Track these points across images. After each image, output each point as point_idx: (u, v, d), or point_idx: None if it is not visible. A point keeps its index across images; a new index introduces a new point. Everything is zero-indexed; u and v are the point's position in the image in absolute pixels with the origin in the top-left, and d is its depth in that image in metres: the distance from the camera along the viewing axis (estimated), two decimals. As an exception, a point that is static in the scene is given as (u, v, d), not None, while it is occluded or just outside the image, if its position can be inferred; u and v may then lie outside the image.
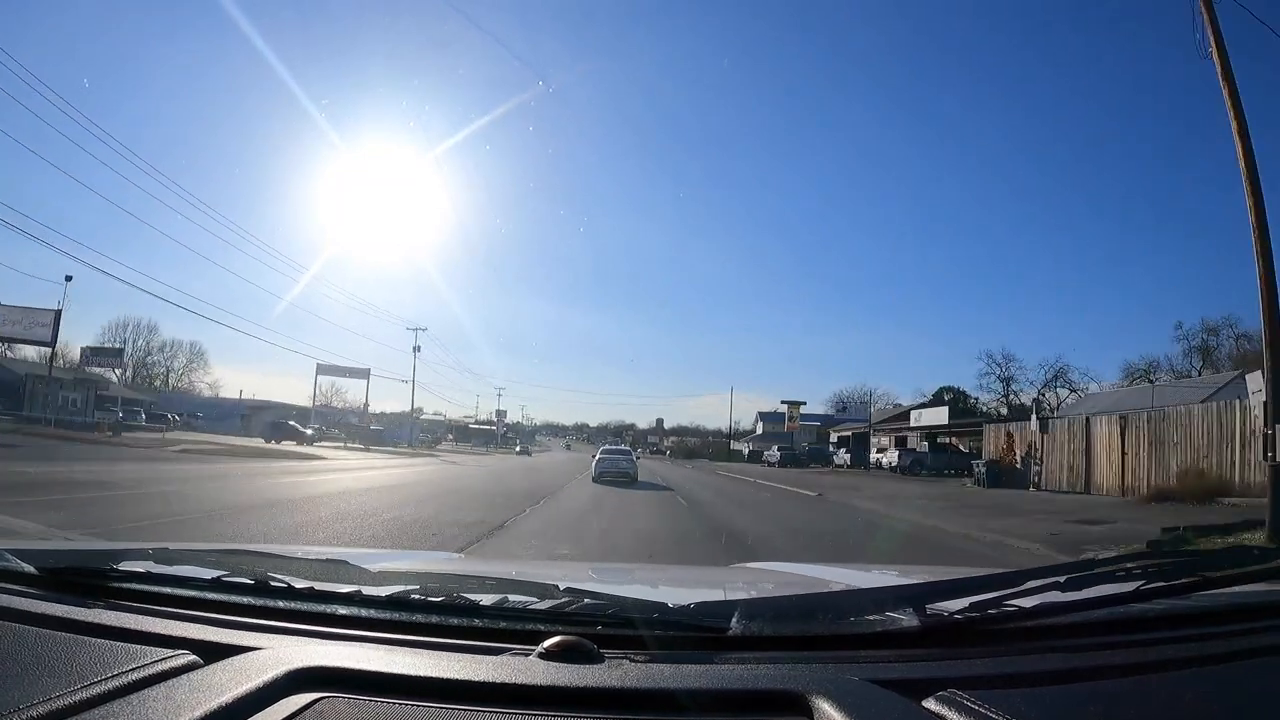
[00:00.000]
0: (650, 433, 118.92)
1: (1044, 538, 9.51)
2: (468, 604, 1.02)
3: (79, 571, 1.17)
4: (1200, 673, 0.94)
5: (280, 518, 8.99)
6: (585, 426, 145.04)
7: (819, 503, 17.22)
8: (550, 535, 8.87)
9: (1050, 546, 8.82)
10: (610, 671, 0.86)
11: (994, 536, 10.06)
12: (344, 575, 1.21)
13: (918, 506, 14.96)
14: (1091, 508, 14.45)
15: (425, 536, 7.87)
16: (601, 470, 21.10)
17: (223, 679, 0.82)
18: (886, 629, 0.97)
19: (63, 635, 0.96)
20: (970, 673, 0.88)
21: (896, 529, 11.76)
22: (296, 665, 0.85)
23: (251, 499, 11.13)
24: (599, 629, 0.95)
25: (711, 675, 0.86)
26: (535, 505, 12.53)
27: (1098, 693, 0.87)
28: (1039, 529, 10.45)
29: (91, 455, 17.80)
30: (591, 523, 10.74)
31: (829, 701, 0.78)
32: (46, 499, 8.89)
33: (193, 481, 13.32)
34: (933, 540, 10.46)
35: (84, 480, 11.43)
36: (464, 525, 8.95)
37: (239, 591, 1.09)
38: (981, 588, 1.02)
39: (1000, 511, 13.56)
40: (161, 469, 15.78)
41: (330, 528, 8.31)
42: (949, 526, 11.55)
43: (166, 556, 1.28)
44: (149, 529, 7.21)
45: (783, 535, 10.26)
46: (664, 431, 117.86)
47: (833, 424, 65.12)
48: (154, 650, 0.91)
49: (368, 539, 7.48)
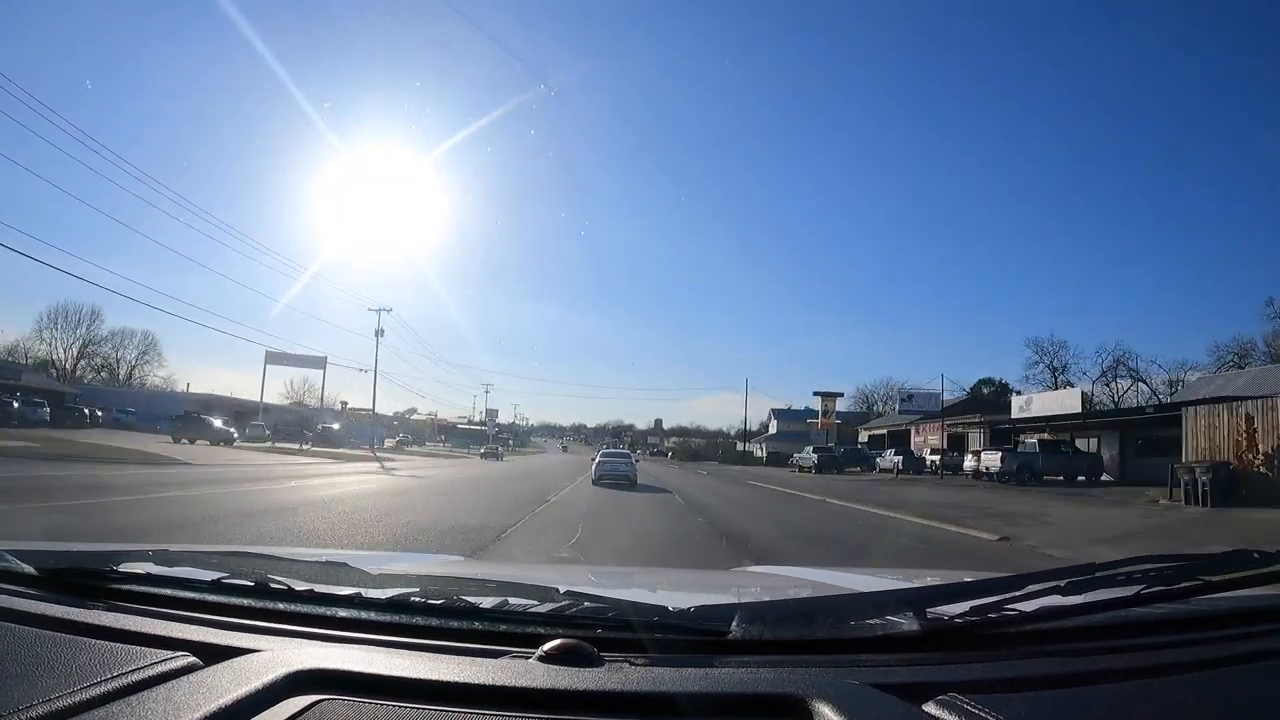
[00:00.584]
0: (650, 433, 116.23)
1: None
2: (468, 607, 1.03)
3: (79, 573, 1.16)
4: (1201, 677, 0.94)
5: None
6: (583, 427, 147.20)
7: (1009, 554, 8.41)
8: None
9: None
10: (610, 675, 0.86)
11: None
12: (344, 577, 1.22)
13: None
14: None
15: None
16: (601, 473, 21.58)
17: (223, 681, 0.83)
18: (887, 633, 0.96)
19: (62, 636, 0.96)
20: (971, 677, 0.88)
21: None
22: (296, 667, 0.85)
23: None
24: (599, 632, 0.95)
25: (712, 679, 0.86)
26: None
27: (1098, 697, 0.87)
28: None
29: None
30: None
31: (829, 705, 0.78)
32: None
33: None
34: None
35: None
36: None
37: (239, 593, 1.09)
38: (982, 592, 1.02)
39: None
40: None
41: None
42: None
43: (166, 558, 1.30)
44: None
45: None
46: (664, 432, 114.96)
47: (861, 421, 59.01)
48: (154, 652, 0.91)
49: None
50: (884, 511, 13.63)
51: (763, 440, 70.38)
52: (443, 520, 9.44)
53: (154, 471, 16.24)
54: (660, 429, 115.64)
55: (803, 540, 9.31)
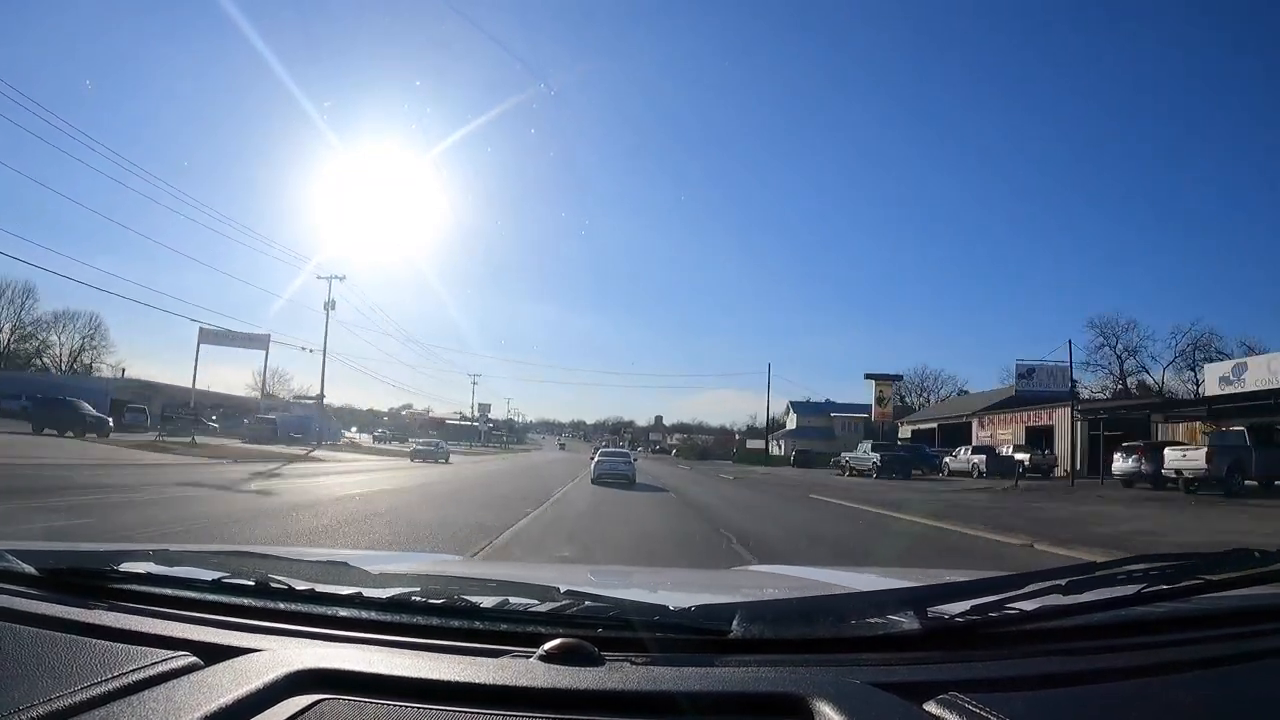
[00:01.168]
0: (651, 430, 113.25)
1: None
2: (468, 606, 1.03)
3: (79, 573, 1.16)
4: (1202, 676, 0.94)
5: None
6: (582, 424, 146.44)
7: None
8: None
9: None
10: (611, 674, 0.86)
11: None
12: (345, 577, 1.22)
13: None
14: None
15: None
16: (600, 472, 21.45)
17: (223, 680, 0.83)
18: (888, 632, 0.96)
19: (63, 636, 0.96)
20: (971, 676, 0.88)
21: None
22: (297, 667, 0.85)
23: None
24: (600, 631, 0.95)
25: (712, 678, 0.86)
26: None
27: (1099, 696, 0.87)
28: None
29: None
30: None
31: (830, 704, 0.78)
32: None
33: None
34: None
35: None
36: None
37: (240, 593, 1.09)
38: (983, 591, 1.02)
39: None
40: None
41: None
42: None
43: (167, 558, 1.31)
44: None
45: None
46: (665, 429, 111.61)
47: (903, 414, 50.35)
48: (154, 651, 0.91)
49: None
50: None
51: (782, 437, 62.83)
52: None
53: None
54: (661, 425, 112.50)
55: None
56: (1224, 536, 9.48)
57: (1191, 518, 13.14)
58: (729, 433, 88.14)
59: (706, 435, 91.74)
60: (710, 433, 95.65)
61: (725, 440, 79.54)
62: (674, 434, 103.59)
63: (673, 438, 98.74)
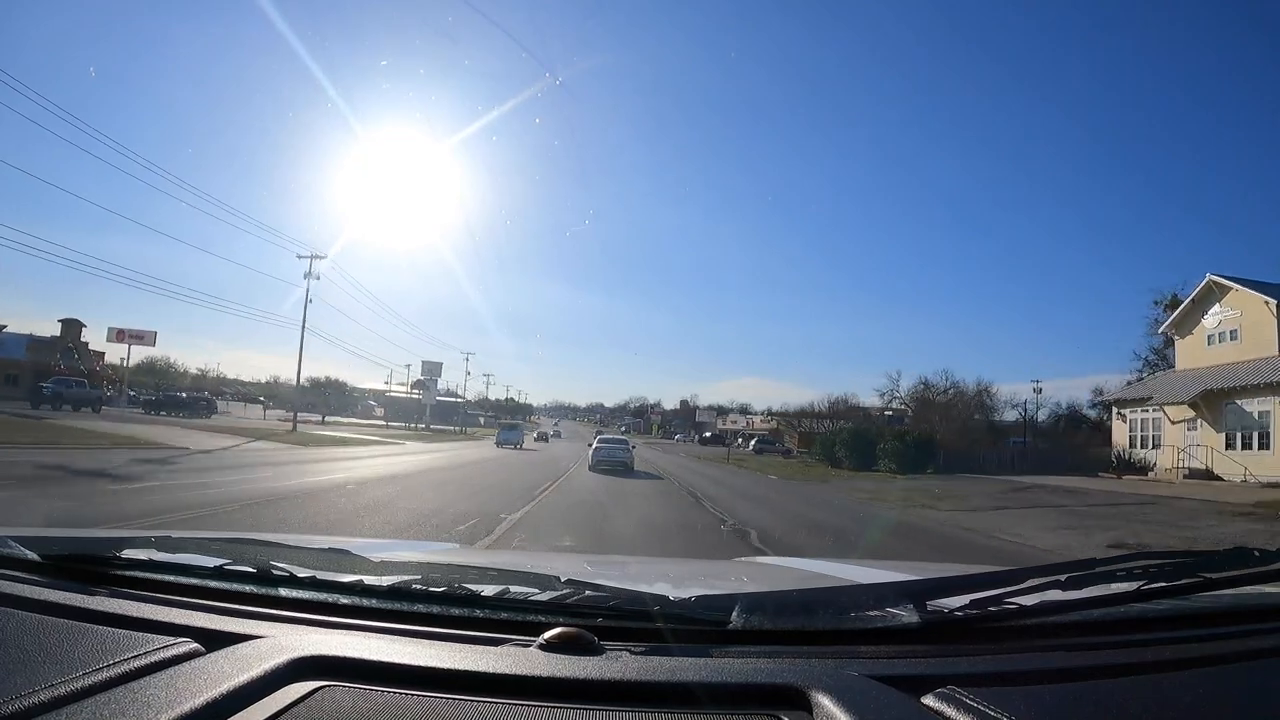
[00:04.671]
0: (676, 414, 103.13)
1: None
2: (469, 595, 1.03)
3: (82, 559, 1.17)
4: (1200, 674, 0.94)
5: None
6: (600, 407, 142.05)
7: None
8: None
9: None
10: (610, 663, 0.86)
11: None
12: (346, 565, 1.23)
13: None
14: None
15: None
16: (598, 459, 21.39)
17: (224, 667, 0.83)
18: (887, 625, 0.97)
19: (65, 622, 0.96)
20: (970, 670, 0.89)
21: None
22: (298, 654, 0.85)
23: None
24: (600, 621, 0.95)
25: (711, 668, 0.86)
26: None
27: (1096, 692, 0.87)
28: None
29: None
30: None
31: (828, 696, 0.78)
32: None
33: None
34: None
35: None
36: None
37: (241, 580, 1.09)
38: (982, 585, 1.02)
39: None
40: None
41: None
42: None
43: (169, 545, 1.31)
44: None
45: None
46: (692, 410, 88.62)
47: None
48: (156, 638, 0.91)
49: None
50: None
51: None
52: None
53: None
54: (690, 408, 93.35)
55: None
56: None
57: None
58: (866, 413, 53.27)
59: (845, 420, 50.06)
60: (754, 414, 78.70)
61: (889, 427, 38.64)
62: (725, 415, 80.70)
63: (726, 420, 74.10)
